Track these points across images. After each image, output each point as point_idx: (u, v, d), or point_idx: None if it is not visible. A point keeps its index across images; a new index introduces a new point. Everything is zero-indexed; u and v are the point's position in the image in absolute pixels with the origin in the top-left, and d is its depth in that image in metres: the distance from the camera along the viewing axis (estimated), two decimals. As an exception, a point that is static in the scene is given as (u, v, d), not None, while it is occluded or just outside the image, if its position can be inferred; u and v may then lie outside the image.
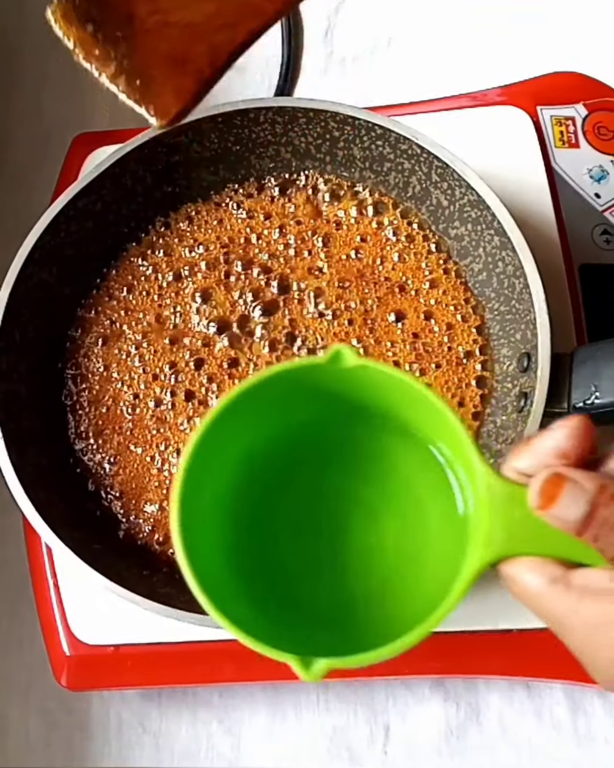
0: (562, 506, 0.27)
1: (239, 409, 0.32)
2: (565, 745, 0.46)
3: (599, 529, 0.27)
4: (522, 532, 0.28)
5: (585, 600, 0.27)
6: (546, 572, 0.28)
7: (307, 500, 0.36)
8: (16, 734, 0.50)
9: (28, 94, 0.61)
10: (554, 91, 0.51)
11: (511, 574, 0.28)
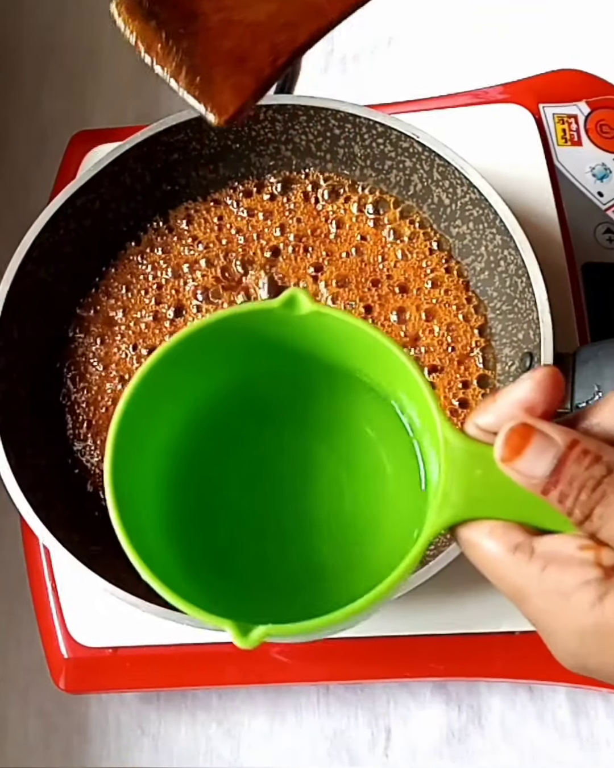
0: (528, 459, 0.25)
1: (184, 359, 0.30)
2: (567, 748, 0.46)
3: (566, 487, 0.24)
4: (482, 494, 0.26)
5: (549, 569, 0.25)
6: (508, 538, 0.25)
7: (261, 461, 0.34)
8: (15, 737, 0.49)
9: (27, 93, 0.60)
10: (556, 88, 0.51)
11: (469, 539, 0.26)
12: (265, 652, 0.45)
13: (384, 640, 0.44)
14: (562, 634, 0.25)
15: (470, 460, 0.26)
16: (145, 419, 0.30)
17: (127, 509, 0.29)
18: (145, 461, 0.31)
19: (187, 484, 0.33)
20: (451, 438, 0.26)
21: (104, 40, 0.61)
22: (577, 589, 0.24)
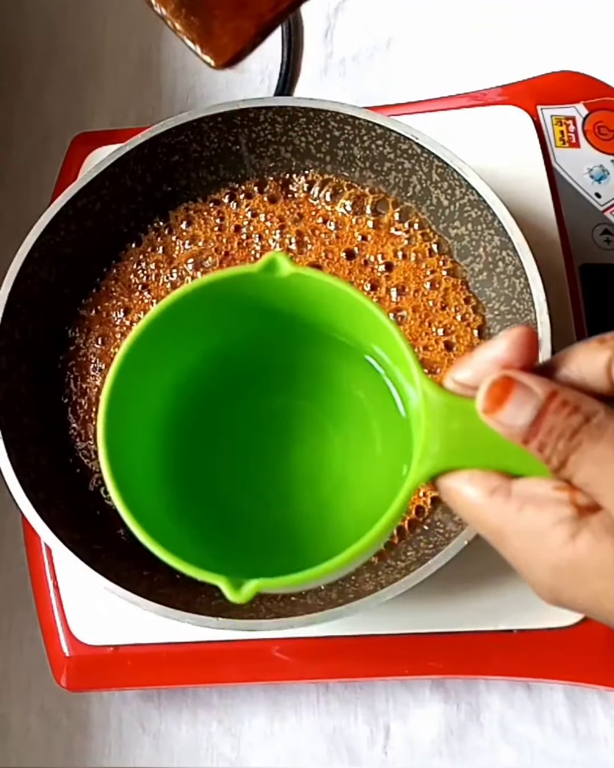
0: (509, 411, 0.26)
1: (171, 326, 0.30)
2: (566, 746, 0.46)
3: (545, 436, 0.26)
4: (460, 445, 0.27)
5: (526, 509, 0.26)
6: (486, 483, 0.27)
7: (252, 422, 0.35)
8: (16, 734, 0.50)
9: (28, 94, 0.61)
10: (554, 90, 0.51)
11: (450, 486, 0.27)
12: (265, 650, 0.45)
13: (383, 639, 0.44)
14: (538, 571, 0.26)
15: (449, 413, 0.27)
16: (136, 385, 0.31)
17: (121, 473, 0.29)
18: (137, 424, 0.32)
19: (179, 446, 0.34)
20: (430, 392, 0.27)
21: (105, 42, 0.61)
22: (552, 528, 0.26)
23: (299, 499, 0.34)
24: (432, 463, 0.27)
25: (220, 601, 0.43)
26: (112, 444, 0.29)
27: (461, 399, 0.27)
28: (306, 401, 0.34)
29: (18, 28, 0.62)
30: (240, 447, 0.35)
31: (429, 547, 0.42)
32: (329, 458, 0.34)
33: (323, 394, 0.34)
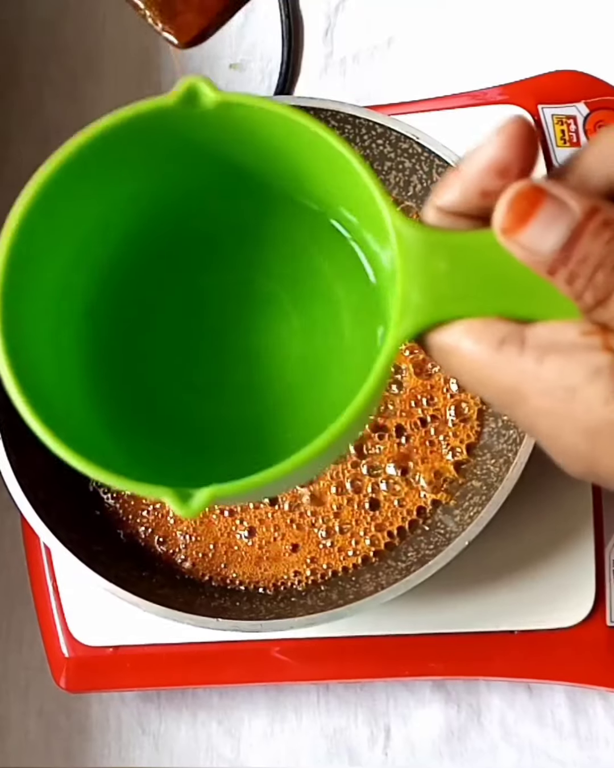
0: (535, 230, 0.20)
1: (73, 191, 0.24)
2: (566, 747, 0.46)
3: (578, 266, 0.20)
4: (451, 290, 0.21)
5: (549, 360, 0.21)
6: (490, 333, 0.21)
7: (189, 302, 0.28)
8: (16, 736, 0.49)
9: (28, 94, 0.60)
10: (555, 89, 0.51)
11: (443, 344, 0.22)
12: (265, 651, 0.45)
13: (383, 639, 0.44)
14: (569, 436, 0.21)
15: (431, 252, 0.21)
16: (40, 258, 0.25)
17: (33, 381, 0.23)
18: (49, 317, 0.25)
19: (108, 340, 0.28)
20: (404, 228, 0.22)
21: (105, 41, 0.61)
22: (587, 381, 0.20)
23: (258, 391, 0.28)
24: (415, 317, 0.21)
25: (220, 602, 0.43)
26: (11, 326, 0.23)
27: (446, 233, 0.22)
28: (256, 273, 0.28)
29: (17, 26, 0.62)
30: (182, 335, 0.29)
31: (430, 547, 0.42)
32: (290, 341, 0.28)
33: (276, 263, 0.28)
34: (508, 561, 0.44)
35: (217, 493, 0.21)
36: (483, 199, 0.22)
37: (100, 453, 0.23)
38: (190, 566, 0.45)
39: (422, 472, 0.44)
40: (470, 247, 0.22)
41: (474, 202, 0.22)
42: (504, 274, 0.21)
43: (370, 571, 0.43)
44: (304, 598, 0.43)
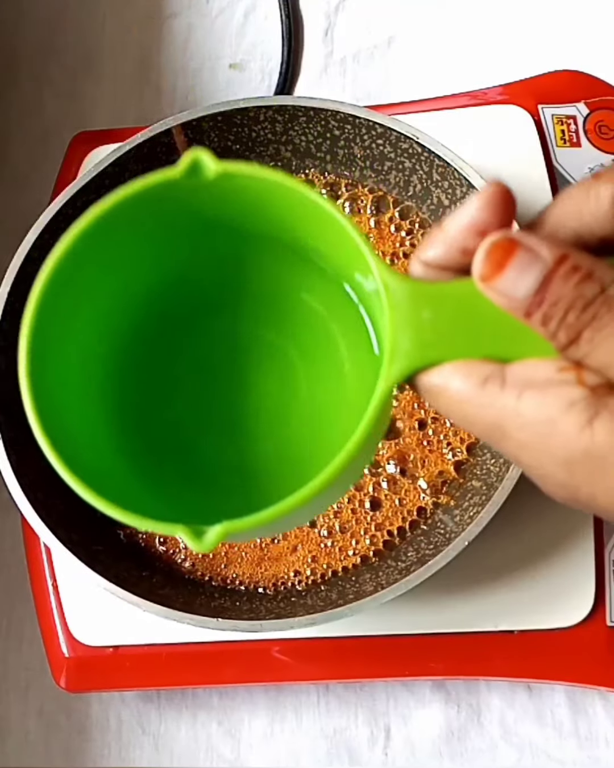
0: (510, 276, 0.22)
1: (95, 254, 0.26)
2: (566, 747, 0.46)
3: (551, 308, 0.22)
4: (436, 336, 0.23)
5: (527, 396, 0.22)
6: (474, 374, 0.23)
7: (202, 352, 0.31)
8: (16, 736, 0.49)
9: (28, 93, 0.60)
10: (555, 89, 0.51)
11: (431, 385, 0.24)
12: (265, 651, 0.45)
13: (383, 639, 0.44)
14: (549, 466, 0.23)
15: (416, 302, 0.23)
16: (64, 322, 0.27)
17: (54, 421, 0.26)
18: (72, 365, 0.28)
19: (126, 385, 0.30)
20: (391, 282, 0.24)
21: (105, 41, 0.61)
22: (563, 413, 0.22)
23: (264, 433, 0.30)
24: (404, 362, 0.23)
25: (220, 602, 0.43)
26: (39, 383, 0.26)
27: (428, 284, 0.24)
28: (265, 328, 0.30)
29: (16, 26, 0.62)
30: (193, 382, 0.31)
31: (430, 547, 0.42)
32: (295, 388, 0.30)
33: (284, 314, 0.30)
34: (508, 561, 0.44)
35: (228, 529, 0.23)
36: (463, 257, 0.24)
37: (118, 488, 0.26)
38: (190, 566, 0.45)
39: (422, 473, 0.44)
40: (452, 295, 0.23)
41: (456, 259, 0.24)
42: (484, 319, 0.23)
43: (370, 571, 0.43)
44: (303, 598, 0.43)
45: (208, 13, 0.60)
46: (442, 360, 0.23)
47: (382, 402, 0.24)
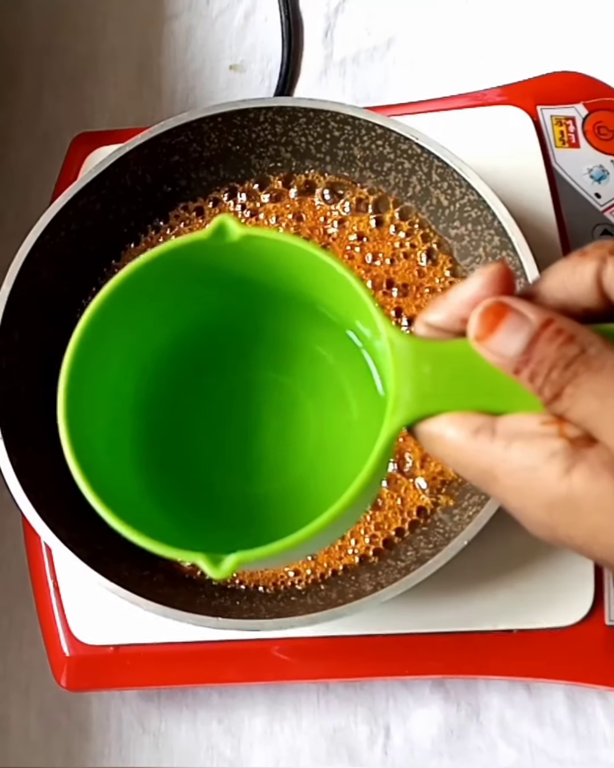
0: (501, 337, 0.25)
1: (125, 309, 0.29)
2: (565, 746, 0.46)
3: (537, 365, 0.24)
4: (434, 389, 0.26)
5: (514, 446, 0.25)
6: (467, 424, 0.26)
7: (218, 396, 0.34)
8: (16, 735, 0.49)
9: (28, 94, 0.61)
10: (554, 90, 0.51)
11: (429, 433, 0.26)
12: (265, 650, 0.45)
13: (383, 638, 0.44)
14: (532, 508, 0.25)
15: (418, 358, 0.26)
16: (96, 367, 0.30)
17: (86, 451, 0.29)
18: (102, 404, 0.31)
19: (149, 424, 0.33)
20: (396, 338, 0.26)
21: (105, 42, 0.61)
22: (545, 462, 0.24)
23: (276, 471, 0.33)
24: (405, 412, 0.26)
25: (220, 601, 0.43)
26: (75, 423, 0.29)
27: (429, 342, 0.26)
28: (279, 373, 0.34)
29: (17, 27, 0.62)
30: (212, 423, 0.34)
31: (429, 546, 0.42)
32: (305, 430, 0.33)
33: (299, 364, 0.34)
34: (507, 560, 0.44)
35: (242, 558, 0.26)
36: (462, 324, 0.26)
37: (141, 516, 0.29)
38: (190, 565, 0.45)
39: (421, 472, 0.44)
40: (450, 353, 0.26)
41: (456, 325, 0.27)
42: (478, 375, 0.26)
43: (370, 571, 0.43)
44: (303, 597, 0.43)
45: (208, 14, 0.60)
46: (440, 411, 0.26)
47: (385, 448, 0.26)
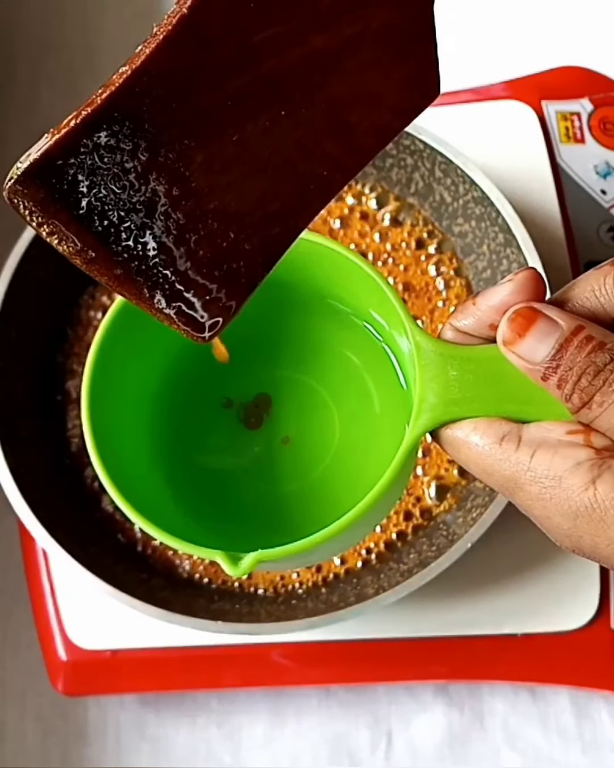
0: (529, 342, 0.25)
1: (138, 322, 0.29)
2: (570, 752, 0.46)
3: (566, 372, 0.24)
4: (460, 393, 0.26)
5: (539, 454, 0.25)
6: (493, 430, 0.26)
7: (240, 395, 0.34)
8: (13, 740, 0.49)
9: (25, 90, 0.60)
10: (559, 85, 0.50)
11: (454, 438, 0.26)
12: (265, 654, 0.44)
13: (385, 643, 0.44)
14: (556, 517, 0.25)
15: (444, 362, 0.26)
16: (118, 367, 0.30)
17: (109, 452, 0.29)
18: (124, 404, 0.31)
19: (170, 425, 0.33)
20: (423, 342, 0.26)
21: (103, 37, 0.60)
22: (569, 472, 0.24)
23: (299, 472, 0.33)
24: (430, 416, 0.26)
25: (220, 605, 0.42)
26: (98, 424, 0.29)
27: (456, 346, 0.26)
28: (300, 373, 0.34)
29: (13, 21, 0.61)
30: (234, 422, 0.34)
31: (432, 549, 0.41)
32: (328, 430, 0.33)
33: (320, 362, 0.34)
34: (511, 563, 0.44)
35: (260, 557, 0.26)
36: (490, 330, 0.26)
37: (160, 512, 0.29)
38: (189, 568, 0.44)
39: (425, 474, 0.44)
40: (477, 358, 0.26)
41: (484, 331, 0.27)
42: (505, 382, 0.26)
43: (372, 574, 0.43)
44: (304, 601, 0.42)
45: (208, 8, 0.60)
46: (465, 416, 0.26)
47: (408, 451, 0.26)
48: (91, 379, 0.29)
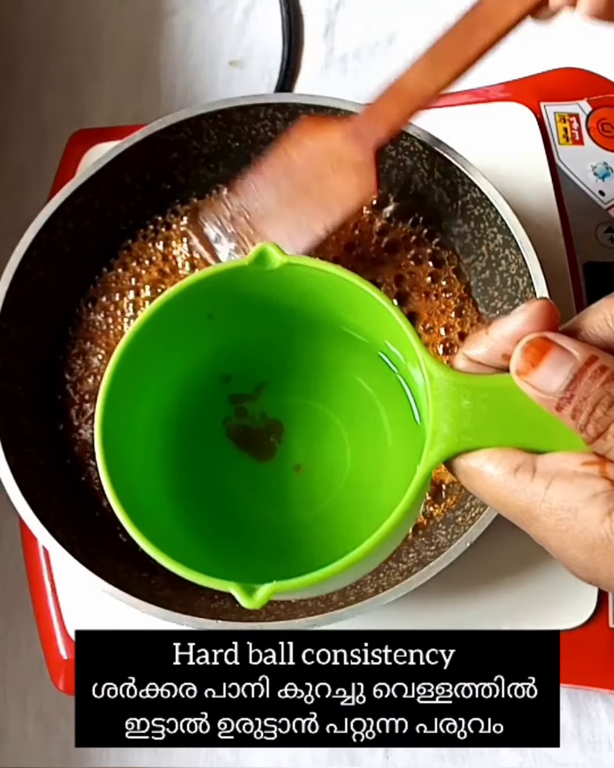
0: (544, 373, 0.24)
1: (165, 331, 0.30)
2: (569, 750, 0.46)
3: (580, 403, 0.24)
4: (473, 423, 0.25)
5: (554, 486, 0.25)
6: (507, 461, 0.25)
7: (256, 420, 0.34)
8: (14, 738, 0.49)
9: (26, 91, 0.60)
10: (558, 87, 0.50)
11: (468, 469, 0.26)
12: (265, 653, 0.44)
13: (384, 641, 0.44)
14: (572, 549, 0.25)
15: (457, 392, 0.26)
16: (133, 390, 0.30)
17: (121, 479, 0.29)
18: (136, 429, 0.31)
19: (182, 451, 0.33)
20: (436, 372, 0.26)
21: (103, 38, 0.60)
22: (586, 503, 0.24)
23: (310, 500, 0.33)
24: (444, 446, 0.26)
25: (220, 604, 0.42)
26: (110, 451, 0.29)
27: (469, 376, 0.26)
28: (313, 400, 0.34)
29: (15, 24, 0.61)
30: (244, 452, 0.34)
31: (431, 548, 0.41)
32: (339, 458, 0.33)
33: (332, 389, 0.34)
34: (510, 562, 0.44)
35: (276, 588, 0.26)
36: (504, 360, 0.26)
37: (174, 543, 0.29)
38: (189, 568, 0.44)
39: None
40: (490, 388, 0.26)
41: (497, 360, 0.26)
42: (519, 412, 0.25)
43: (371, 573, 0.43)
44: (304, 600, 0.43)
45: (208, 10, 0.60)
46: (479, 446, 0.26)
47: (422, 482, 0.26)
48: (103, 412, 0.29)
